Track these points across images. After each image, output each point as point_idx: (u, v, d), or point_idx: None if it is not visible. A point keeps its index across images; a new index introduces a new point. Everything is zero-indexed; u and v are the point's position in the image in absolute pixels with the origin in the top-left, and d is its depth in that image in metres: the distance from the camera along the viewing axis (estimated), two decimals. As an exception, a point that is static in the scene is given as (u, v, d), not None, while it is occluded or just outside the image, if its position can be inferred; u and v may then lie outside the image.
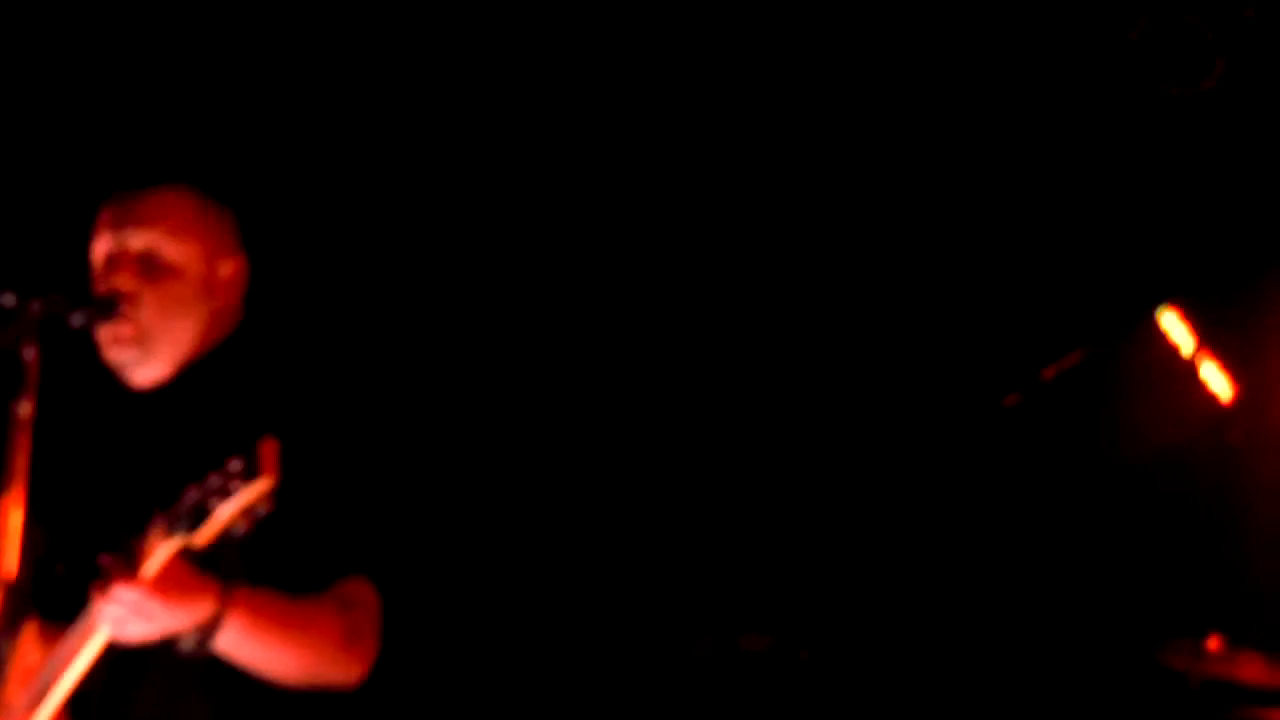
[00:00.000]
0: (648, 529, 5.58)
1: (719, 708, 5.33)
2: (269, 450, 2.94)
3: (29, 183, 5.21)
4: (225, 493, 2.95)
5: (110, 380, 3.53)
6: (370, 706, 3.47)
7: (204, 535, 2.99)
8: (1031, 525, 5.58)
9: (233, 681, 3.28)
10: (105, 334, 3.45)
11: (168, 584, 3.09)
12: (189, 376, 3.51)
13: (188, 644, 3.16)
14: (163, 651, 3.20)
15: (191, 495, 2.99)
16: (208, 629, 3.15)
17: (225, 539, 3.00)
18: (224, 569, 3.16)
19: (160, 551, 3.04)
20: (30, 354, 3.12)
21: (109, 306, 3.41)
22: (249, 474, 2.93)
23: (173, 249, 3.48)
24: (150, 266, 3.47)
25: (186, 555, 3.07)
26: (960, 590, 5.58)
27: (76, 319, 3.28)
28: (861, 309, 5.62)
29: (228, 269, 3.55)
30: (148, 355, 3.47)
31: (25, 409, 3.09)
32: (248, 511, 2.97)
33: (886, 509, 5.63)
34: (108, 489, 3.49)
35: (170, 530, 3.01)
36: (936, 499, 5.60)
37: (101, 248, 3.51)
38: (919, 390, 5.62)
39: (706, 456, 5.62)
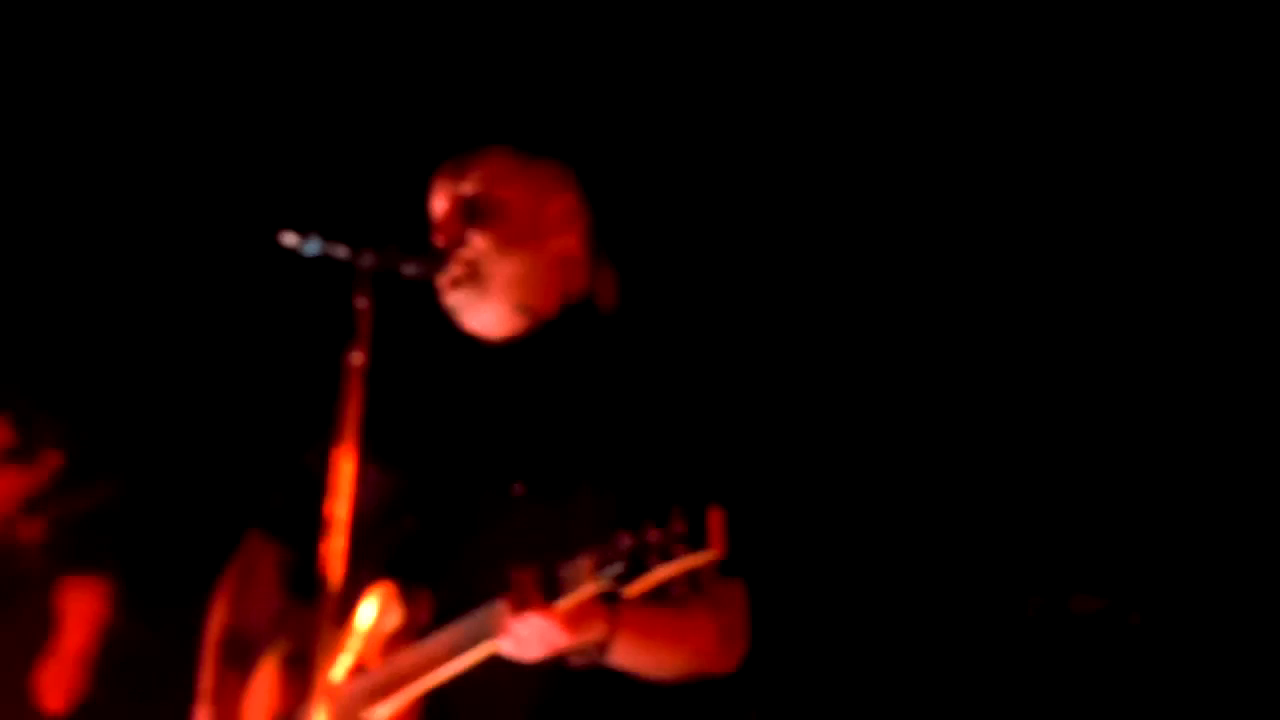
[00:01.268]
0: (978, 486, 5.49)
1: (1048, 671, 5.25)
2: (716, 519, 2.92)
3: (371, 137, 5.31)
4: (666, 554, 2.93)
5: (456, 333, 3.56)
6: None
7: (635, 589, 2.99)
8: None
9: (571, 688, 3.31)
10: (442, 279, 3.48)
11: (575, 619, 3.11)
12: (540, 335, 3.51)
13: (577, 662, 3.20)
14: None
15: (626, 542, 2.97)
16: (597, 651, 3.19)
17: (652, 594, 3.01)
18: None
19: (584, 590, 3.04)
20: (363, 304, 3.14)
21: (441, 257, 3.45)
22: (695, 542, 2.92)
23: (496, 191, 3.52)
24: (475, 210, 3.50)
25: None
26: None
27: (409, 269, 3.31)
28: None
29: (557, 208, 3.56)
30: (482, 296, 3.49)
31: (358, 359, 3.11)
32: (686, 578, 2.96)
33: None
34: (462, 441, 3.52)
35: (599, 572, 3.00)
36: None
37: (435, 204, 3.55)
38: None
39: (1038, 410, 5.51)
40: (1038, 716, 5.27)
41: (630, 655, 3.23)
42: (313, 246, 3.18)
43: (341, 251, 3.18)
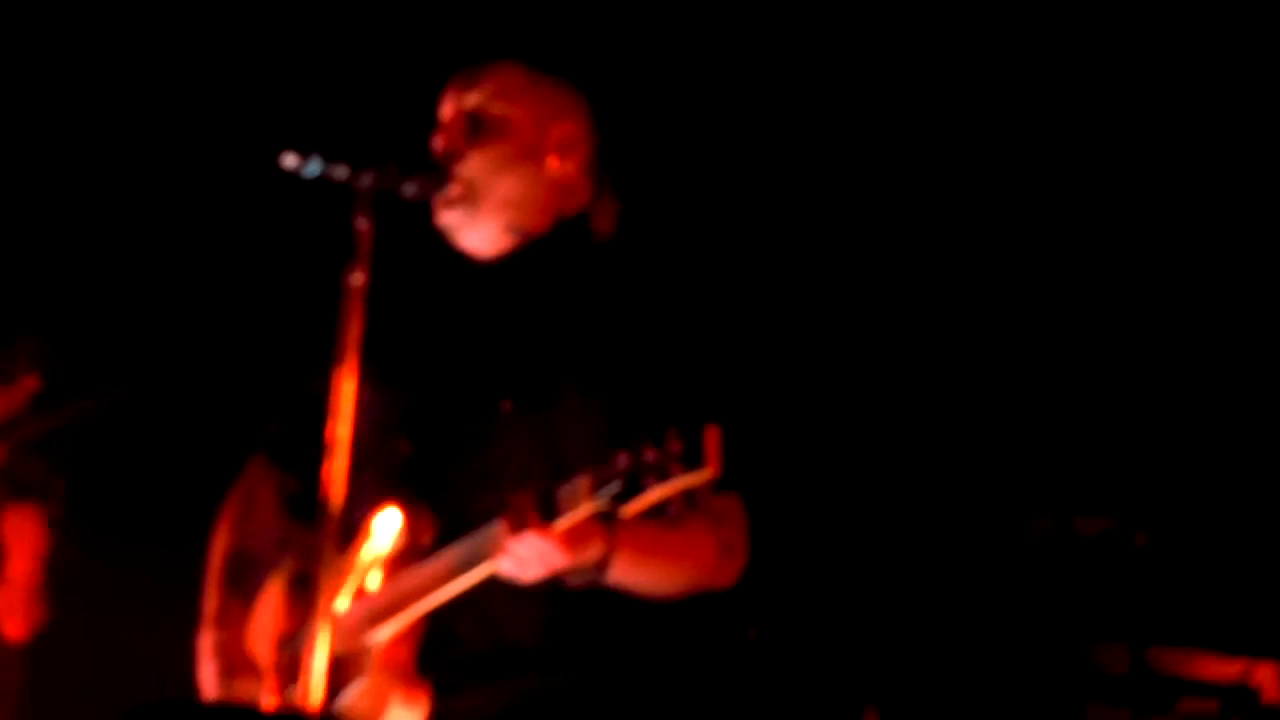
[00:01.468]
0: (980, 409, 5.48)
1: (1053, 592, 5.25)
2: (713, 438, 2.90)
3: (369, 56, 5.28)
4: (663, 474, 2.92)
5: (450, 253, 3.54)
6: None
7: (631, 509, 2.98)
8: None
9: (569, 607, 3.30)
10: (437, 198, 3.46)
11: (573, 539, 3.10)
12: (529, 254, 3.49)
13: (575, 581, 3.19)
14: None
15: (623, 462, 2.96)
16: (596, 570, 3.17)
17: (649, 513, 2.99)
18: None
19: (581, 510, 3.03)
20: (363, 225, 3.12)
21: (442, 175, 3.42)
22: (691, 461, 2.91)
23: (498, 106, 3.49)
24: (478, 125, 3.48)
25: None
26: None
27: (408, 189, 3.29)
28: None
29: (560, 130, 3.51)
30: (475, 215, 3.46)
31: (358, 279, 3.09)
32: (682, 496, 2.95)
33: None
34: (453, 361, 3.50)
35: (596, 493, 2.99)
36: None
37: (443, 109, 3.54)
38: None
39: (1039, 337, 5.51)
40: (1043, 638, 5.28)
41: (629, 573, 3.22)
42: (313, 168, 3.16)
43: (341, 172, 3.15)
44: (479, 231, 3.48)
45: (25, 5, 5.31)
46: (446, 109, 3.52)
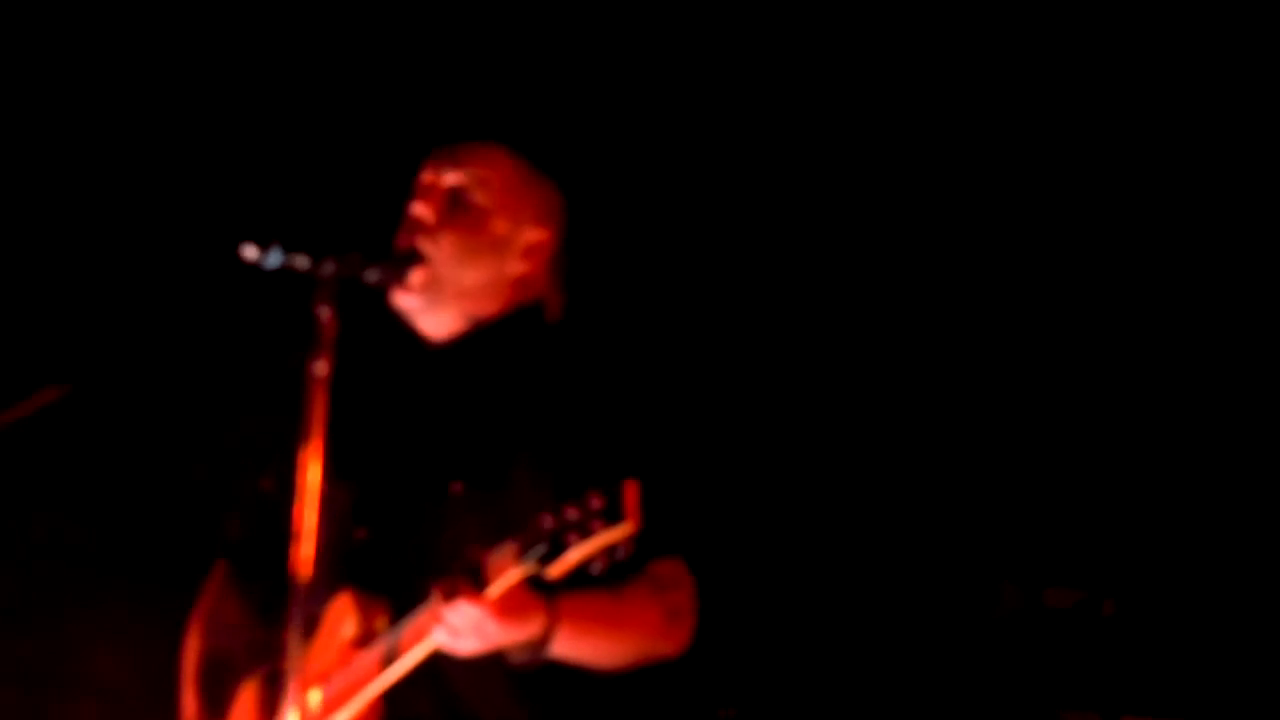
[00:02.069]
0: (947, 481, 5.49)
1: (1023, 666, 5.25)
2: (631, 493, 2.92)
3: (328, 145, 5.30)
4: (585, 531, 2.93)
5: (406, 335, 3.55)
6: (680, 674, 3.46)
7: (557, 569, 2.99)
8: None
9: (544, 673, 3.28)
10: (398, 274, 3.46)
11: (508, 607, 3.09)
12: (481, 335, 3.50)
13: (518, 659, 3.18)
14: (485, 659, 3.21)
15: (546, 523, 2.97)
16: (537, 646, 3.17)
17: (575, 573, 3.00)
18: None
19: (509, 576, 3.04)
20: (325, 314, 3.12)
21: (404, 263, 3.43)
22: (611, 516, 2.92)
23: (479, 194, 3.50)
24: (456, 204, 3.49)
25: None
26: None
27: (371, 276, 3.30)
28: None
29: (532, 235, 3.54)
30: (435, 302, 3.48)
31: (321, 368, 3.10)
32: (606, 553, 2.95)
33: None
34: (404, 446, 3.51)
35: (522, 557, 3.00)
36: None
37: (424, 176, 3.55)
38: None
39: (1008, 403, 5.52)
40: (1013, 710, 5.28)
41: (572, 645, 3.21)
42: (274, 258, 3.15)
43: (303, 262, 3.15)
44: (436, 316, 3.50)
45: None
46: (428, 176, 3.53)
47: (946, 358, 5.47)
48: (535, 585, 3.11)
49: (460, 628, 3.08)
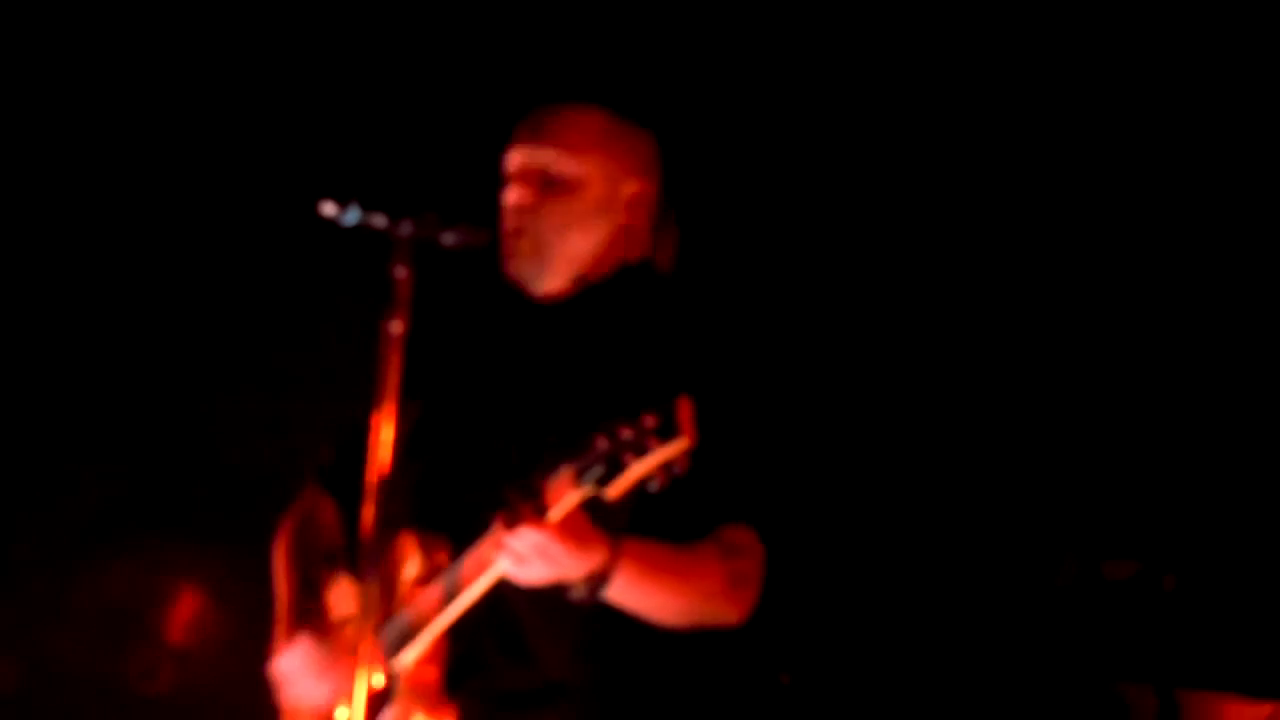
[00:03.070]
0: (1008, 451, 5.49)
1: (1080, 639, 5.25)
2: (686, 409, 2.95)
3: (406, 103, 5.34)
4: (641, 449, 2.96)
5: (513, 293, 3.60)
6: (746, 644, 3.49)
7: (616, 489, 3.02)
8: None
9: (607, 617, 3.32)
10: (506, 247, 3.51)
11: (570, 531, 3.12)
12: (589, 293, 3.55)
13: (578, 593, 3.20)
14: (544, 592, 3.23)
15: (602, 445, 3.00)
16: (599, 579, 3.19)
17: (634, 493, 3.03)
18: (610, 513, 3.18)
19: (568, 498, 3.07)
20: (401, 273, 3.16)
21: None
22: (666, 432, 2.95)
23: (571, 165, 3.53)
24: (548, 182, 3.53)
25: (585, 505, 3.10)
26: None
27: (448, 239, 3.33)
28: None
29: (631, 188, 3.57)
30: (544, 268, 3.53)
31: (396, 327, 3.14)
32: (663, 469, 2.98)
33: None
34: (499, 401, 3.57)
35: (580, 479, 3.04)
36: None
37: (511, 161, 3.59)
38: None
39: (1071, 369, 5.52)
40: (1069, 683, 5.28)
41: (632, 588, 3.23)
42: (351, 216, 3.19)
43: (380, 221, 3.19)
44: (545, 279, 3.55)
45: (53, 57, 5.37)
46: (514, 161, 3.58)
47: (1014, 327, 5.48)
48: (599, 518, 3.14)
49: (524, 553, 3.11)
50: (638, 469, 2.98)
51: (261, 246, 5.40)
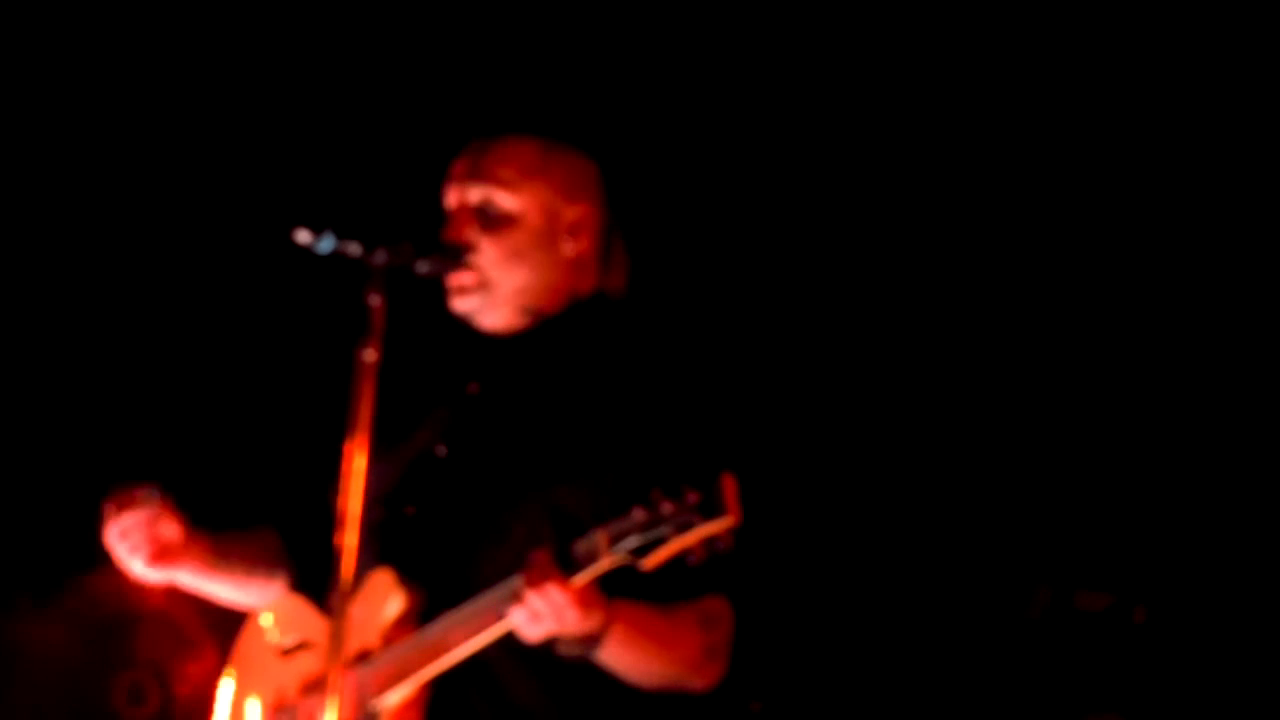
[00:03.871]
0: (981, 481, 5.49)
1: (1054, 670, 5.25)
2: (730, 486, 2.98)
3: (380, 131, 5.33)
4: (684, 525, 2.99)
5: (462, 326, 3.59)
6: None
7: (653, 561, 3.04)
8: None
9: (572, 672, 3.32)
10: (451, 282, 3.51)
11: (586, 597, 3.14)
12: (544, 328, 3.53)
13: (569, 649, 3.21)
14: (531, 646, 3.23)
15: (639, 515, 3.03)
16: (594, 641, 3.20)
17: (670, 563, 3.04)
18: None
19: (600, 564, 3.09)
20: (375, 301, 3.16)
21: (455, 254, 3.47)
22: (709, 510, 2.98)
23: (507, 200, 3.51)
24: (488, 218, 3.51)
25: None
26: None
27: (421, 267, 3.33)
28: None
29: (572, 214, 3.55)
30: (491, 303, 3.52)
31: (370, 355, 3.13)
32: (704, 545, 3.01)
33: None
34: (457, 434, 3.55)
35: (613, 546, 3.06)
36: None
37: (449, 199, 3.57)
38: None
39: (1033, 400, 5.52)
40: (1042, 714, 5.28)
41: (621, 651, 3.24)
42: (326, 244, 3.19)
43: (354, 249, 3.19)
44: (494, 314, 3.53)
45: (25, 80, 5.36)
46: (451, 199, 3.56)
47: (985, 357, 5.48)
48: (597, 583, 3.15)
49: (542, 612, 3.11)
50: (677, 543, 3.00)
51: (236, 273, 5.38)
